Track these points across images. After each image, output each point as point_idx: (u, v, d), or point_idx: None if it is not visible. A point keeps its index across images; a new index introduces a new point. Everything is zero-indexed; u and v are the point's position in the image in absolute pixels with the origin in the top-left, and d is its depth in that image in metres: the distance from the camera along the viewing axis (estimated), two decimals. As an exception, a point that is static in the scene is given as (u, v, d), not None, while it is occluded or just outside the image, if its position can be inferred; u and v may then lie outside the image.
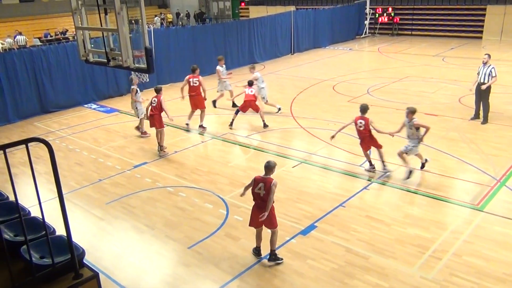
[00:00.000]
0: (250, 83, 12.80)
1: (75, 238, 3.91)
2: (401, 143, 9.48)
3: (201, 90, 12.49)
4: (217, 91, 15.03)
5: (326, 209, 8.18)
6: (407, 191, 8.81)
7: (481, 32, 27.60)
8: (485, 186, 8.79)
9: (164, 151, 11.16)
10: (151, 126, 11.25)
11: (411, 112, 8.91)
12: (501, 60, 21.30)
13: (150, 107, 11.12)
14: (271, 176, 6.45)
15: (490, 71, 11.91)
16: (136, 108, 12.34)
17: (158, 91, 11.19)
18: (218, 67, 14.69)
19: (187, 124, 12.99)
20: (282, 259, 6.74)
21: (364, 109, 9.32)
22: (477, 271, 6.34)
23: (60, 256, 3.81)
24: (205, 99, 12.68)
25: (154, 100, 11.03)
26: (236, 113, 12.85)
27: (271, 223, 6.55)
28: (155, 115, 11.01)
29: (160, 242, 7.50)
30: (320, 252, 6.92)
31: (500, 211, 7.89)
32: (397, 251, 6.88)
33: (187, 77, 12.55)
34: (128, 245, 7.48)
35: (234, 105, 14.65)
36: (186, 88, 12.65)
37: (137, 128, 12.73)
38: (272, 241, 6.66)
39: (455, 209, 8.08)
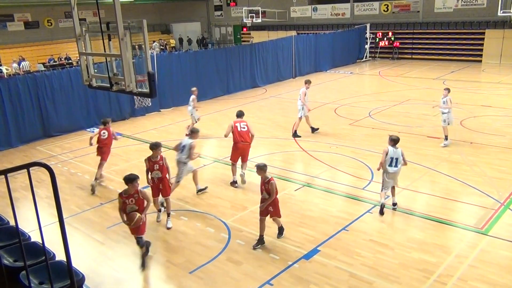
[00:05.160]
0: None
1: (75, 263, 3.87)
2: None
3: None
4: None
5: (329, 233, 8.10)
6: (411, 214, 8.73)
7: (481, 55, 27.93)
8: (489, 210, 8.71)
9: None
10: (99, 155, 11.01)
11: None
12: (502, 83, 21.45)
13: (98, 138, 10.98)
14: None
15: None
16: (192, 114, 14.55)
17: (106, 123, 11.15)
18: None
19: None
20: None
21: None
22: (483, 297, 6.23)
23: (59, 282, 3.77)
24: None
25: (104, 133, 10.96)
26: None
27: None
28: (104, 147, 11.01)
29: (161, 267, 7.41)
30: (324, 277, 6.81)
31: (505, 234, 7.79)
32: (401, 276, 6.78)
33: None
34: (129, 270, 7.39)
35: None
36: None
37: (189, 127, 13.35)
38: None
39: (460, 233, 7.99)
